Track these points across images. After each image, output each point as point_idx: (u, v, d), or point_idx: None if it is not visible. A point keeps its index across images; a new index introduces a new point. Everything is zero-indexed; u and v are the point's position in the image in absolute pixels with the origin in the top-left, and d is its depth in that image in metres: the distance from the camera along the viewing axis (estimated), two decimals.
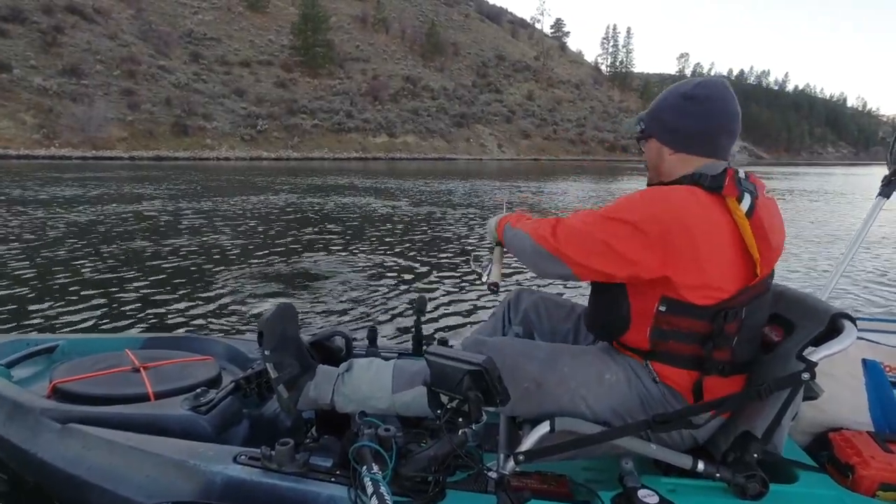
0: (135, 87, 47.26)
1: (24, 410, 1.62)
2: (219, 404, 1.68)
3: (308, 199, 14.06)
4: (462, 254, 7.33)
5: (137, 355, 2.00)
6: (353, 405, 1.63)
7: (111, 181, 18.02)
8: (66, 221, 8.69)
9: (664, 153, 1.48)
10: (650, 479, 1.44)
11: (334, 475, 1.42)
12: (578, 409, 1.46)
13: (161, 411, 1.65)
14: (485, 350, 1.48)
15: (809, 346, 1.34)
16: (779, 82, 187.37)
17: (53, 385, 1.78)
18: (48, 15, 49.66)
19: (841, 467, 1.48)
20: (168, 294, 4.61)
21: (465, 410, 1.35)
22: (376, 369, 1.66)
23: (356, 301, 4.37)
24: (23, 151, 35.30)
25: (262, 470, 1.41)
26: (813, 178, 36.77)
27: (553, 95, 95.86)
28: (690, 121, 1.42)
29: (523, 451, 1.42)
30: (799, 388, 1.33)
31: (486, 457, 1.58)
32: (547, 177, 27.60)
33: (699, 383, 1.40)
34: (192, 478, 1.40)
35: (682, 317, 1.36)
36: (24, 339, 2.20)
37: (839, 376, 1.61)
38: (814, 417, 1.63)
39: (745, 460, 1.36)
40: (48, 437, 1.56)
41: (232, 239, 7.84)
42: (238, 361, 2.15)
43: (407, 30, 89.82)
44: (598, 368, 1.48)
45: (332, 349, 1.92)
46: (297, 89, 61.91)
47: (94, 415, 1.61)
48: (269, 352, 1.63)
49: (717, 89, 1.42)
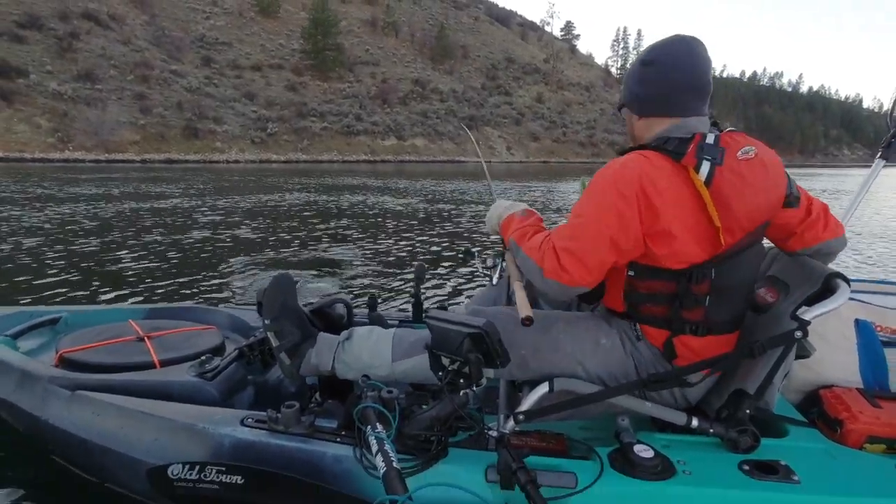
0: (147, 92, 47.70)
1: (33, 379, 1.66)
2: (224, 370, 1.72)
3: (317, 197, 14.15)
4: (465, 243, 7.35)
5: (141, 325, 2.04)
6: (353, 373, 1.67)
7: (125, 182, 18.22)
8: (81, 215, 8.80)
9: (633, 119, 1.54)
10: (646, 435, 1.48)
11: (339, 436, 1.47)
12: (575, 372, 1.50)
13: (168, 378, 1.69)
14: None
15: (803, 306, 1.36)
16: (792, 84, 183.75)
17: (60, 354, 1.82)
18: (64, 21, 50.28)
19: (830, 422, 1.52)
20: (173, 274, 4.66)
21: (465, 372, 1.40)
22: (376, 338, 1.70)
23: (359, 276, 4.39)
24: (38, 155, 35.75)
25: (269, 432, 1.45)
26: (825, 178, 36.33)
27: (563, 98, 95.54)
28: (647, 85, 1.47)
29: (523, 411, 1.47)
30: (791, 347, 1.36)
31: (487, 418, 1.62)
32: (556, 179, 27.52)
33: (669, 342, 1.44)
34: (201, 440, 1.44)
35: (650, 280, 1.41)
36: (27, 311, 2.24)
37: (831, 336, 1.64)
38: (805, 376, 1.67)
39: (737, 416, 1.40)
40: (58, 404, 1.60)
41: (239, 228, 7.94)
42: (241, 330, 2.19)
43: (416, 33, 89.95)
44: (593, 333, 1.53)
45: (334, 316, 1.96)
46: (307, 93, 62.22)
47: (101, 382, 1.65)
48: (270, 321, 1.67)
49: (671, 48, 1.44)
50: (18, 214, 9.25)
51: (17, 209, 9.99)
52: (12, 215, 9.01)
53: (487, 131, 74.63)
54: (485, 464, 1.38)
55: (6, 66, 39.93)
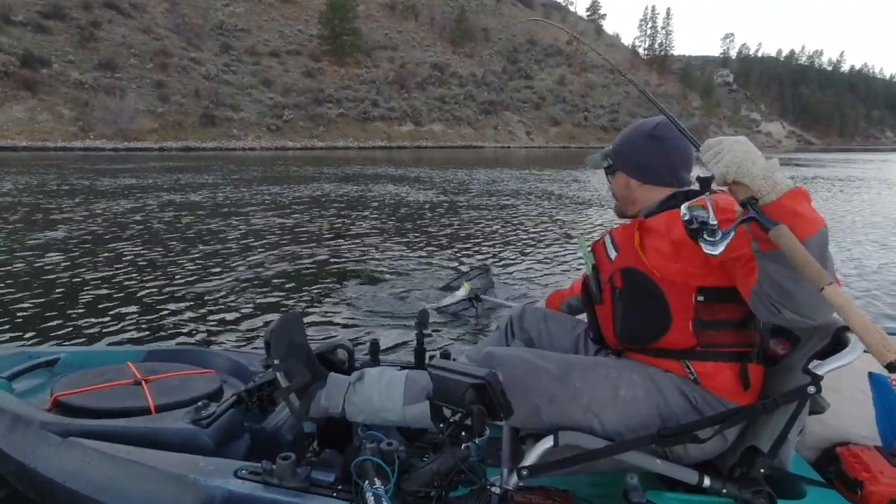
0: (166, 80, 48.05)
1: (25, 423, 1.64)
2: (220, 417, 1.69)
3: (330, 195, 14.13)
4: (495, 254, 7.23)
5: (139, 368, 2.02)
6: (364, 415, 1.63)
7: (142, 172, 18.43)
8: (87, 230, 8.85)
9: (632, 185, 1.65)
10: (655, 494, 1.42)
11: (336, 490, 1.43)
12: (591, 425, 1.44)
13: (162, 424, 1.66)
14: (493, 363, 1.47)
15: (815, 360, 1.32)
16: (833, 62, 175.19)
17: (55, 398, 1.80)
18: (87, 11, 50.81)
19: (849, 483, 1.47)
20: (169, 301, 4.57)
21: (468, 424, 1.35)
22: (388, 380, 1.65)
23: (362, 317, 4.28)
24: (60, 144, 36.37)
25: (263, 485, 1.42)
26: (860, 166, 34.76)
27: (586, 80, 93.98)
28: (655, 157, 1.61)
29: (527, 466, 1.41)
30: (805, 402, 1.31)
31: (490, 472, 1.56)
32: (576, 166, 27.15)
33: (744, 371, 1.41)
34: (192, 492, 1.41)
35: (721, 303, 1.40)
36: (25, 352, 2.23)
37: (845, 390, 1.59)
38: (820, 432, 1.62)
39: (751, 475, 1.35)
40: (48, 451, 1.57)
41: (245, 236, 7.94)
42: (240, 374, 2.16)
43: (436, 16, 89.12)
44: (612, 383, 1.46)
45: (335, 362, 1.92)
46: (324, 79, 62.18)
47: (94, 428, 1.62)
48: (279, 360, 1.63)
49: (672, 129, 1.55)
50: (23, 217, 9.34)
51: (24, 211, 10.10)
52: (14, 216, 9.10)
53: (507, 116, 74.08)
54: None
55: (30, 57, 40.55)
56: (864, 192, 16.68)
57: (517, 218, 9.80)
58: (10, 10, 44.29)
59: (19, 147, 34.08)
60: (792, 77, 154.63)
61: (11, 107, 37.97)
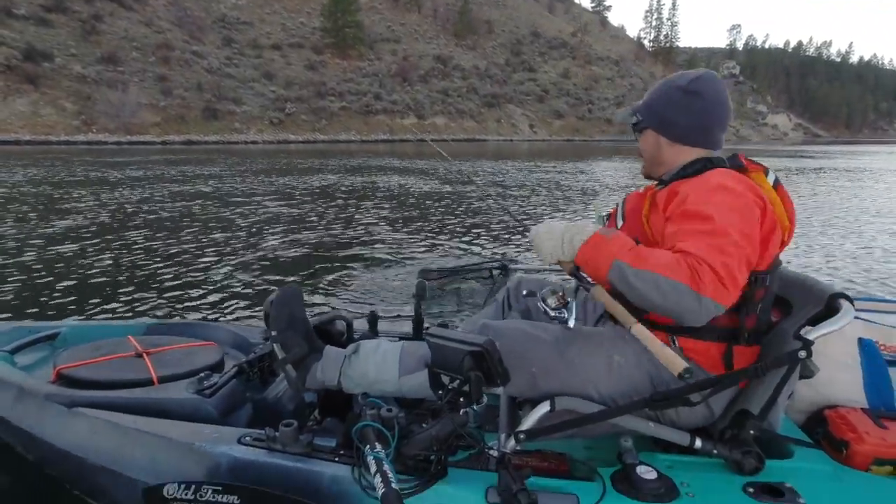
0: (168, 73, 48.05)
1: (30, 395, 1.66)
2: (222, 388, 1.71)
3: (333, 184, 14.15)
4: (485, 238, 7.27)
5: (140, 341, 2.02)
6: (360, 388, 1.65)
7: (146, 164, 18.47)
8: (90, 217, 8.83)
9: (661, 143, 1.54)
10: (648, 455, 1.46)
11: (338, 455, 1.46)
12: (587, 391, 1.46)
13: (166, 395, 1.68)
14: (490, 334, 1.48)
15: (807, 326, 1.35)
16: (841, 54, 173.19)
17: (58, 371, 1.81)
18: (89, 4, 50.71)
19: (835, 443, 1.49)
20: (172, 281, 4.65)
21: (465, 391, 1.38)
22: (383, 352, 1.67)
23: (362, 285, 4.33)
24: (63, 137, 36.47)
25: (267, 450, 1.44)
26: (867, 157, 34.74)
27: (590, 73, 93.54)
28: (690, 115, 1.49)
29: (524, 430, 1.44)
30: (795, 367, 1.34)
31: (488, 437, 1.59)
32: (581, 158, 27.07)
33: (729, 353, 1.42)
34: (198, 459, 1.44)
35: None
36: (25, 326, 2.23)
37: (835, 355, 1.61)
38: (810, 396, 1.65)
39: (741, 437, 1.39)
40: (54, 421, 1.59)
41: (244, 223, 7.98)
42: (240, 346, 2.16)
43: (439, 8, 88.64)
44: (606, 350, 1.48)
45: (333, 333, 1.94)
46: (327, 71, 62.03)
47: (98, 399, 1.64)
48: (277, 332, 1.65)
49: (714, 84, 1.49)
50: (30, 212, 9.37)
51: (28, 205, 10.14)
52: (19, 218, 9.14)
53: (510, 109, 73.80)
54: (485, 484, 1.35)
55: (33, 51, 40.58)
56: (869, 182, 16.67)
57: (525, 209, 9.78)
58: (12, 4, 44.29)
59: (23, 141, 34.21)
60: (799, 69, 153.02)
61: (14, 100, 38.04)
